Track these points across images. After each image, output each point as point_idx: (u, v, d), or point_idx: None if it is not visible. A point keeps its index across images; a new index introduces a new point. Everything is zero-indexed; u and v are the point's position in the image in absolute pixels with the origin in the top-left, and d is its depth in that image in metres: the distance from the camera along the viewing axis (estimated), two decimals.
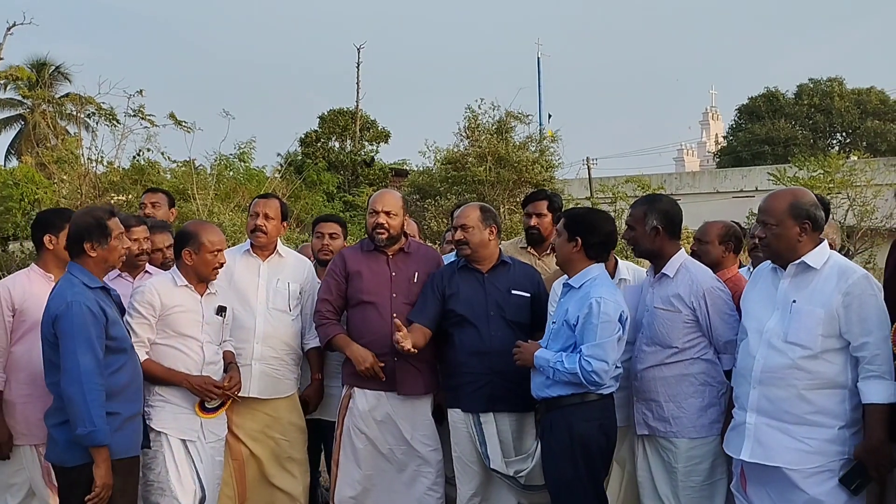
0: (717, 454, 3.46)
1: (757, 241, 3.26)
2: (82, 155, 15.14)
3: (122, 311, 3.57)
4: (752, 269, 3.99)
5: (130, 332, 3.61)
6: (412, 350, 3.76)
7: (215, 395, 3.77)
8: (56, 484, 3.41)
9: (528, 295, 3.99)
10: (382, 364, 3.97)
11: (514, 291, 3.98)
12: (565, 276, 3.82)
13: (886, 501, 3.17)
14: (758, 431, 3.11)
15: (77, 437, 3.14)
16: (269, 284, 4.26)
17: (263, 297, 4.23)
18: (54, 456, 3.28)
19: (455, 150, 20.41)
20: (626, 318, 3.45)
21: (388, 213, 4.07)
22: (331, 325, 4.11)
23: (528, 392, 3.68)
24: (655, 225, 3.56)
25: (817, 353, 3.01)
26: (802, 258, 3.10)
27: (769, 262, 3.30)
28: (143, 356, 3.65)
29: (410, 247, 4.21)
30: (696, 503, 3.46)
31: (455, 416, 3.95)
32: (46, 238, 3.80)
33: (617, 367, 3.44)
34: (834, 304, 2.99)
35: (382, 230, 4.07)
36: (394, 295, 4.07)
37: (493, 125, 20.25)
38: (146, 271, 4.28)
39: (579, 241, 3.52)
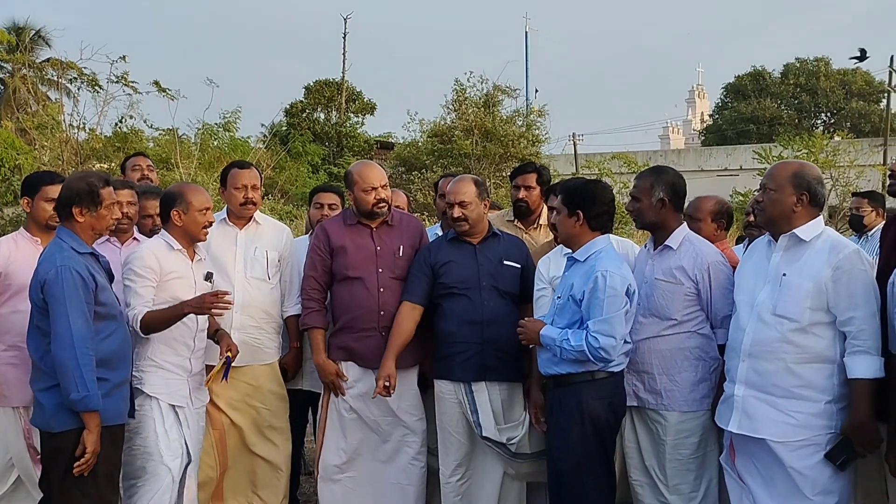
0: (707, 429, 3.47)
1: (753, 208, 3.24)
2: (64, 121, 14.94)
3: (111, 277, 3.53)
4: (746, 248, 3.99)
5: (134, 295, 3.60)
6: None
7: (213, 304, 3.61)
8: (38, 449, 3.39)
9: (519, 266, 3.98)
10: (343, 379, 4.03)
11: (506, 262, 3.96)
12: (558, 250, 3.79)
13: (868, 478, 3.20)
14: (745, 404, 3.12)
15: (70, 402, 3.11)
16: (246, 253, 4.21)
17: (241, 266, 4.19)
18: (40, 421, 3.25)
19: (442, 122, 20.34)
20: (634, 292, 3.40)
21: (384, 187, 4.05)
22: (312, 314, 4.09)
23: (519, 362, 3.67)
24: (662, 196, 3.52)
25: (805, 327, 3.02)
26: (794, 230, 3.10)
27: (765, 236, 3.30)
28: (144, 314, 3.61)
29: (394, 218, 4.18)
30: (681, 476, 3.47)
31: (443, 386, 3.94)
32: (23, 201, 3.80)
33: (626, 342, 3.42)
34: (823, 278, 2.99)
35: (384, 204, 4.06)
36: (379, 270, 4.05)
37: (480, 98, 20.19)
38: (134, 238, 4.23)
39: (581, 214, 3.46)
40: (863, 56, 23.42)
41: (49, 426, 3.21)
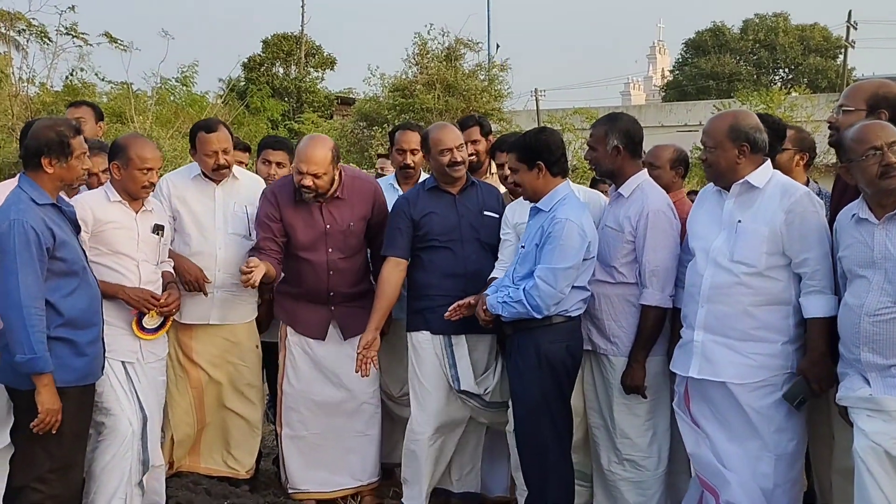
0: (656, 375, 3.50)
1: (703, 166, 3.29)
2: (12, 74, 14.47)
3: (77, 228, 3.40)
4: None
5: None
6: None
7: (153, 307, 3.64)
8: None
9: (498, 216, 3.92)
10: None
11: (486, 212, 3.92)
12: (519, 202, 3.77)
13: (822, 419, 3.30)
14: (705, 349, 3.18)
15: (16, 364, 3.00)
16: (225, 209, 4.10)
17: (221, 223, 4.07)
18: (6, 378, 3.14)
19: (403, 77, 20.12)
20: (590, 243, 3.40)
21: (315, 176, 3.80)
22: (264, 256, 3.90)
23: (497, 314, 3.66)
24: (616, 144, 3.51)
25: (762, 271, 3.09)
26: (746, 178, 3.15)
27: (712, 184, 3.33)
28: None
29: (344, 190, 3.98)
30: (628, 422, 3.51)
31: (421, 337, 3.85)
32: None
33: (586, 289, 3.46)
34: (777, 223, 3.06)
35: (309, 191, 3.85)
36: (329, 250, 3.96)
37: (442, 52, 19.99)
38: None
39: (542, 165, 3.46)
40: None
41: (17, 384, 3.12)
